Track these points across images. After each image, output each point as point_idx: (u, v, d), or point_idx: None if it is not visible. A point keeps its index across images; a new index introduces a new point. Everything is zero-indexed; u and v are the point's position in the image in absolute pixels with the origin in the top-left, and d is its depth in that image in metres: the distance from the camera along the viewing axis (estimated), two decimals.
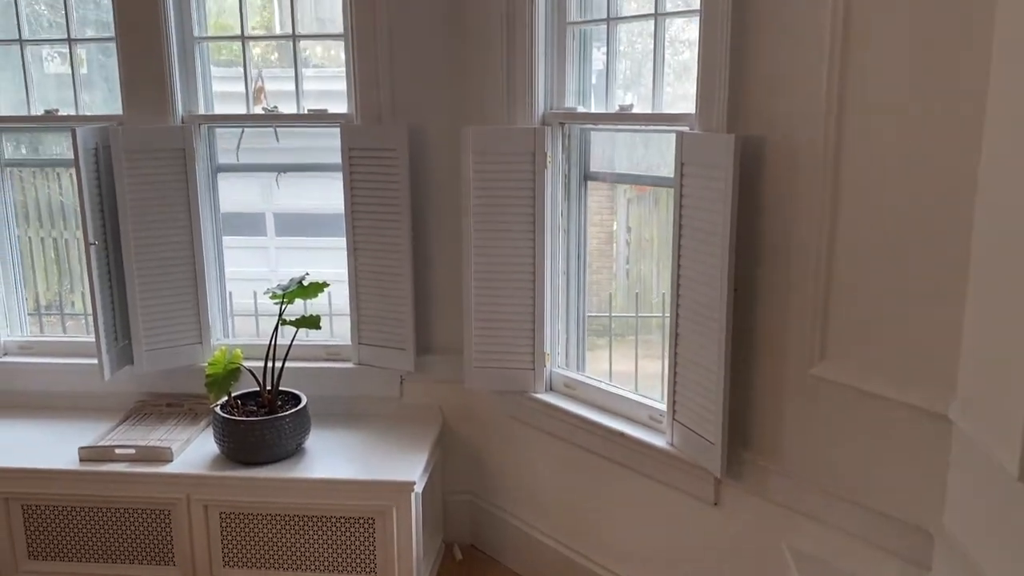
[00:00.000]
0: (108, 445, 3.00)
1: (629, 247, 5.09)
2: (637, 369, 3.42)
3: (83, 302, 3.78)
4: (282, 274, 7.76)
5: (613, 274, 5.12)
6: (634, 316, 4.26)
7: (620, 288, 5.16)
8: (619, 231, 5.00)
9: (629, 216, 4.67)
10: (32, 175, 3.64)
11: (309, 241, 7.46)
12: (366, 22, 3.07)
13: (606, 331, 4.10)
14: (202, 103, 3.30)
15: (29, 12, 3.39)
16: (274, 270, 7.66)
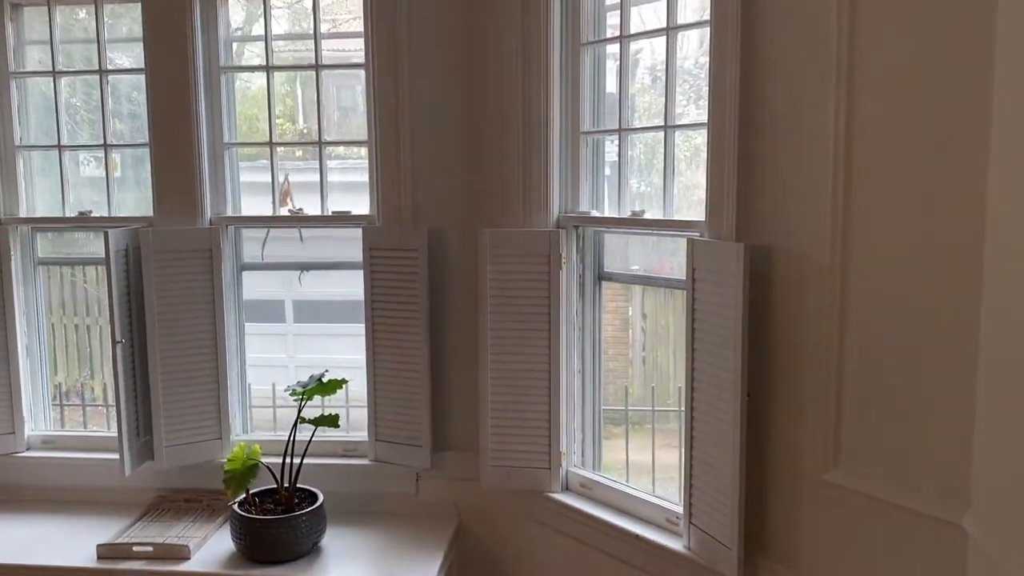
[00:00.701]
0: (126, 542, 3.02)
1: (645, 334, 5.13)
2: (654, 466, 3.43)
3: (104, 392, 3.85)
4: (300, 360, 7.82)
5: (629, 361, 5.14)
6: (651, 409, 4.27)
7: (637, 376, 5.17)
8: (635, 317, 5.05)
9: (645, 303, 4.72)
10: (60, 271, 3.77)
11: (328, 328, 7.55)
12: (389, 131, 3.20)
13: (623, 419, 4.10)
14: (230, 205, 3.42)
15: (68, 119, 3.56)
16: (292, 356, 7.73)
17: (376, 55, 3.18)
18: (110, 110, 3.46)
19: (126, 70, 3.53)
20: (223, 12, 3.35)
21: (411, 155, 3.21)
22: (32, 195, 3.55)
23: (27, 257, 3.54)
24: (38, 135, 3.56)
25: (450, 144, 3.21)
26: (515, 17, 2.96)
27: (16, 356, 3.46)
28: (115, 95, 3.53)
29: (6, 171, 3.46)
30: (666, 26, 2.64)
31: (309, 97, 3.74)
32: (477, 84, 3.16)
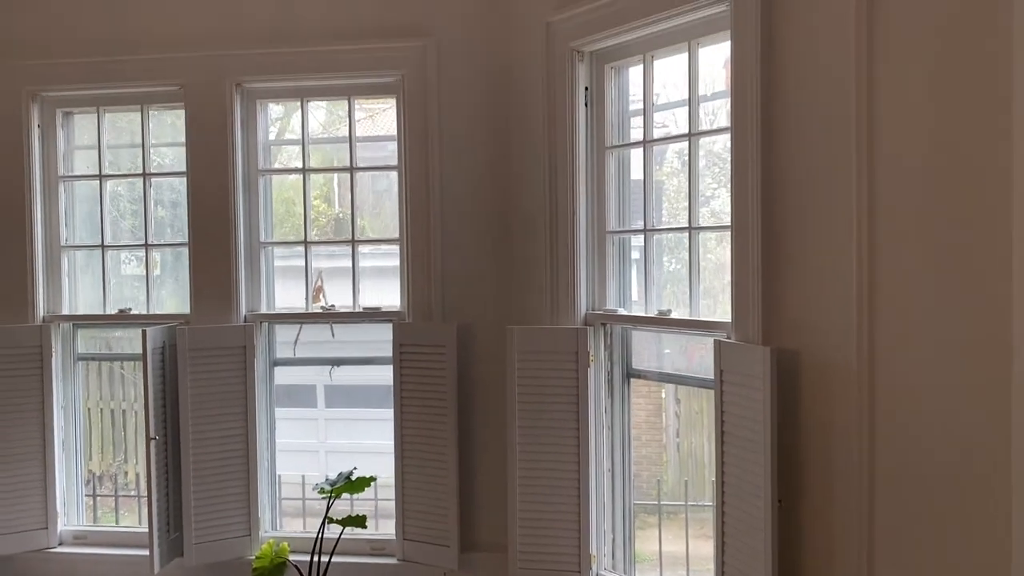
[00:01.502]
0: None
1: (679, 419, 5.06)
2: (688, 560, 3.36)
3: (136, 479, 3.88)
4: (331, 445, 7.79)
5: (663, 446, 5.06)
6: (683, 504, 4.19)
7: (671, 462, 5.09)
8: (667, 401, 5.00)
9: (677, 392, 4.68)
10: (99, 365, 3.86)
11: (359, 412, 7.55)
12: (420, 229, 3.28)
13: (656, 509, 4.03)
14: (264, 301, 3.50)
15: (112, 219, 3.70)
16: (323, 441, 7.72)
17: (408, 158, 3.29)
18: (152, 211, 3.59)
19: (168, 173, 3.67)
20: (262, 118, 3.50)
21: (441, 253, 3.28)
22: (75, 293, 3.67)
23: (67, 353, 3.63)
24: (83, 235, 3.69)
25: (480, 243, 3.28)
26: (542, 124, 3.06)
27: (52, 451, 3.51)
28: (157, 195, 3.67)
29: (52, 270, 3.59)
30: (688, 132, 2.70)
31: (344, 178, 3.85)
32: (506, 186, 3.25)
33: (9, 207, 3.51)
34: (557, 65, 3.00)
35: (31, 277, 3.53)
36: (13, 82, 3.49)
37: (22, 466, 3.47)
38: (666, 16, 2.62)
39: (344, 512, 3.27)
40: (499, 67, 3.26)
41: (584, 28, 2.89)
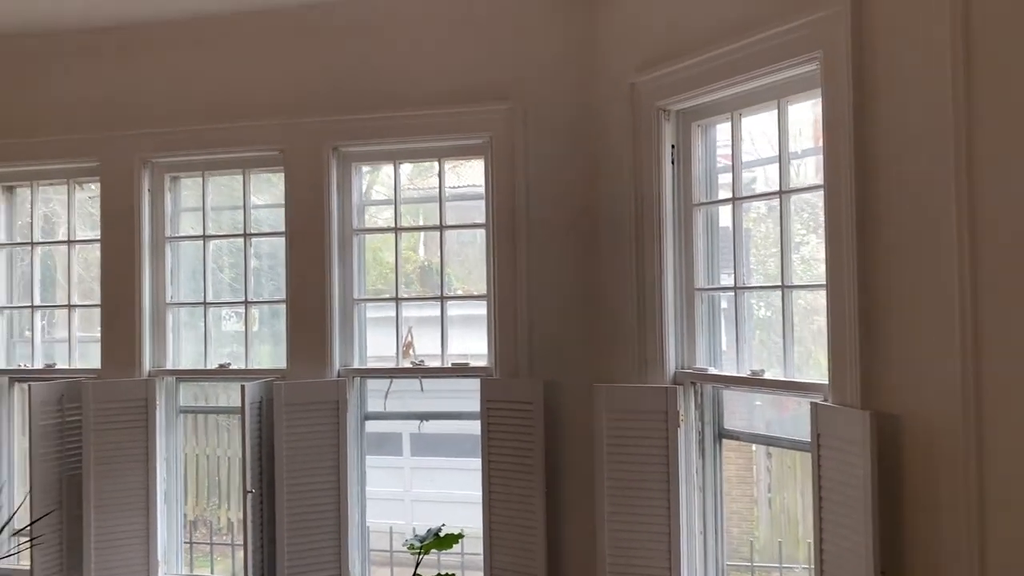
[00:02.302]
0: None
1: (770, 474, 4.91)
2: None
3: (230, 526, 3.99)
4: (416, 494, 7.82)
5: (754, 501, 4.91)
6: (777, 566, 4.06)
7: (762, 519, 4.93)
8: (758, 454, 4.86)
9: (770, 451, 4.55)
10: (195, 419, 4.02)
11: (444, 461, 7.58)
12: (507, 287, 3.33)
13: (748, 570, 3.91)
14: (356, 356, 3.59)
15: (213, 279, 3.87)
16: (408, 490, 7.77)
17: (496, 216, 3.36)
18: (252, 269, 3.75)
19: (268, 233, 3.83)
20: (356, 180, 3.63)
21: (528, 310, 3.32)
22: (178, 348, 3.84)
23: (170, 406, 3.79)
24: (186, 292, 3.88)
25: (566, 300, 3.30)
26: (628, 181, 3.09)
27: (155, 502, 3.65)
28: (256, 251, 3.84)
29: (158, 326, 3.77)
30: (779, 190, 2.68)
31: (432, 223, 3.93)
32: (592, 243, 3.27)
33: (121, 267, 3.72)
34: (643, 124, 3.03)
35: (138, 333, 3.71)
36: (127, 150, 3.72)
37: (127, 515, 3.61)
38: (754, 76, 2.62)
39: (432, 564, 3.28)
40: (584, 127, 3.31)
41: (671, 88, 2.92)
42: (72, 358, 3.94)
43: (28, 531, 3.51)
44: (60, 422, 3.62)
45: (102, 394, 3.62)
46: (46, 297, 4.08)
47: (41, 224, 4.08)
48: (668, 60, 2.90)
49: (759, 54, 2.57)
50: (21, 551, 3.66)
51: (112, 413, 3.62)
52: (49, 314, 4.09)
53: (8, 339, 4.04)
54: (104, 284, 3.76)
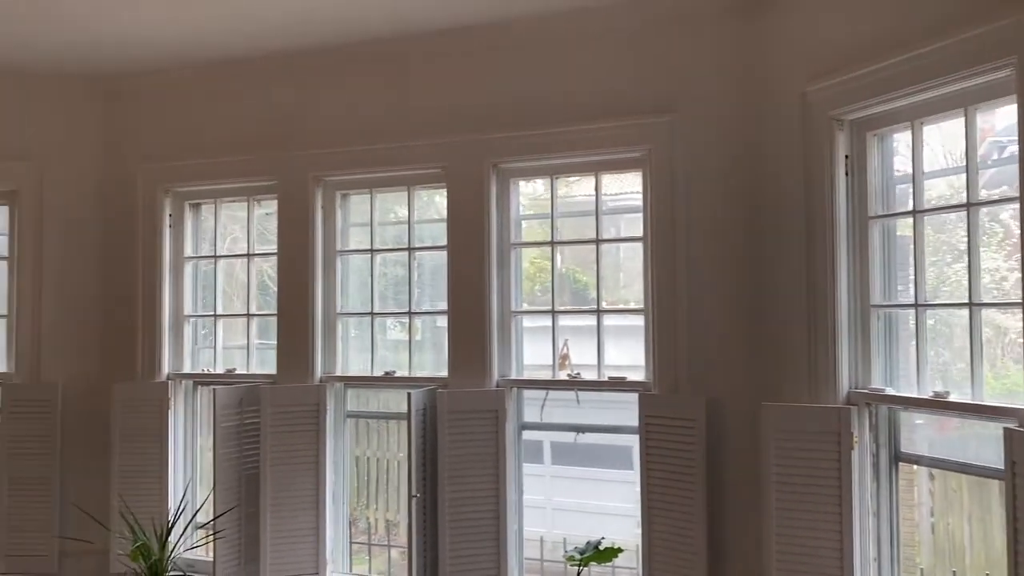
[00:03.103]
0: None
1: (932, 497, 4.63)
2: None
3: (386, 524, 4.14)
4: (557, 503, 7.84)
5: (915, 525, 4.64)
6: None
7: (924, 543, 4.65)
8: (919, 475, 4.59)
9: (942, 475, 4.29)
10: (361, 423, 4.20)
11: (585, 472, 7.56)
12: (667, 301, 3.30)
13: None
14: (514, 367, 3.66)
15: (380, 290, 4.04)
16: (549, 499, 7.81)
17: (654, 230, 3.34)
18: (416, 281, 3.90)
19: (431, 247, 3.96)
20: (514, 195, 3.71)
21: (688, 324, 3.28)
22: (347, 356, 4.03)
23: (339, 410, 3.98)
24: (355, 303, 4.07)
25: (728, 314, 3.24)
26: (797, 194, 3.00)
27: (324, 502, 3.84)
28: (420, 268, 3.98)
29: (329, 335, 3.97)
30: (967, 202, 2.53)
31: (574, 235, 3.95)
32: (757, 256, 3.20)
33: (296, 279, 3.95)
34: (815, 134, 2.94)
35: (311, 341, 3.93)
36: (302, 169, 3.95)
37: (299, 514, 3.82)
38: (940, 83, 2.49)
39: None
40: (747, 139, 3.24)
41: (845, 97, 2.82)
42: (250, 364, 4.21)
43: (212, 526, 3.77)
44: (239, 424, 3.88)
45: (278, 398, 3.85)
46: (211, 307, 4.36)
47: (210, 238, 4.38)
48: (843, 68, 2.80)
49: (946, 60, 2.44)
50: (205, 544, 3.93)
51: (287, 416, 3.84)
52: (228, 322, 4.38)
53: (193, 345, 4.37)
54: (280, 295, 4.00)
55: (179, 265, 4.31)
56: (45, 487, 4.11)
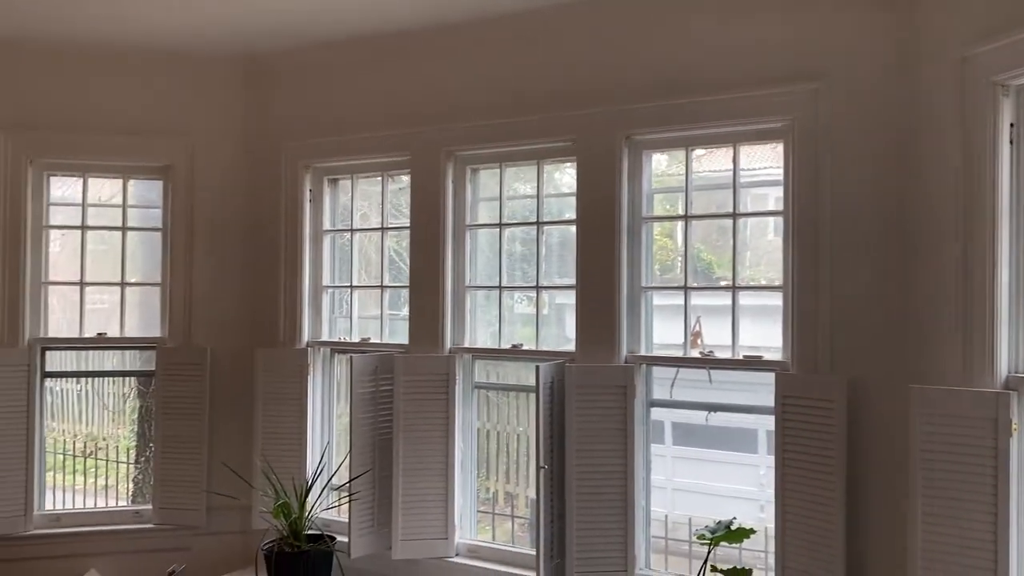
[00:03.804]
0: None
1: None
2: None
3: (512, 499, 4.20)
4: (677, 484, 7.75)
5: None
6: None
7: None
8: None
9: None
10: (481, 396, 4.27)
11: (706, 453, 7.44)
12: (807, 279, 3.18)
13: None
14: (643, 343, 3.62)
15: (507, 264, 4.07)
16: (670, 479, 7.73)
17: (796, 203, 3.22)
18: (543, 255, 3.91)
19: (559, 221, 3.96)
20: (647, 167, 3.64)
21: (830, 302, 3.15)
22: (475, 328, 4.10)
23: (467, 381, 4.05)
24: (483, 277, 4.12)
25: (873, 292, 3.09)
26: (953, 163, 2.81)
27: (453, 469, 3.93)
28: (547, 241, 3.99)
29: (458, 307, 4.04)
30: None
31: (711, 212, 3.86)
32: (905, 230, 3.04)
33: (427, 252, 4.04)
34: (975, 101, 2.74)
35: (441, 313, 4.01)
36: (434, 144, 4.02)
37: (429, 480, 3.93)
38: None
39: (720, 558, 3.24)
40: (898, 107, 3.06)
41: (1013, 60, 2.61)
42: (383, 334, 4.35)
43: (347, 488, 3.93)
44: (374, 391, 4.01)
45: (410, 367, 3.95)
46: (347, 278, 4.50)
47: (347, 213, 4.52)
48: (1007, 29, 2.59)
49: None
50: (341, 505, 4.10)
51: (418, 385, 3.94)
52: (362, 294, 4.53)
53: (330, 315, 4.54)
54: (412, 267, 4.10)
55: (318, 238, 4.49)
56: (195, 445, 4.39)
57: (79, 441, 5.04)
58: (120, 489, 4.86)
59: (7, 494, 4.20)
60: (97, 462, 5.01)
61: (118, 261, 4.52)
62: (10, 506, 4.21)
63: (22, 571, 4.03)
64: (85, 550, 4.32)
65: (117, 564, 4.33)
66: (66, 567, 4.25)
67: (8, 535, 4.22)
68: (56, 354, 4.52)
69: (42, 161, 4.41)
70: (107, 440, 5.02)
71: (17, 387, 4.25)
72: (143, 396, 4.89)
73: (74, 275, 4.48)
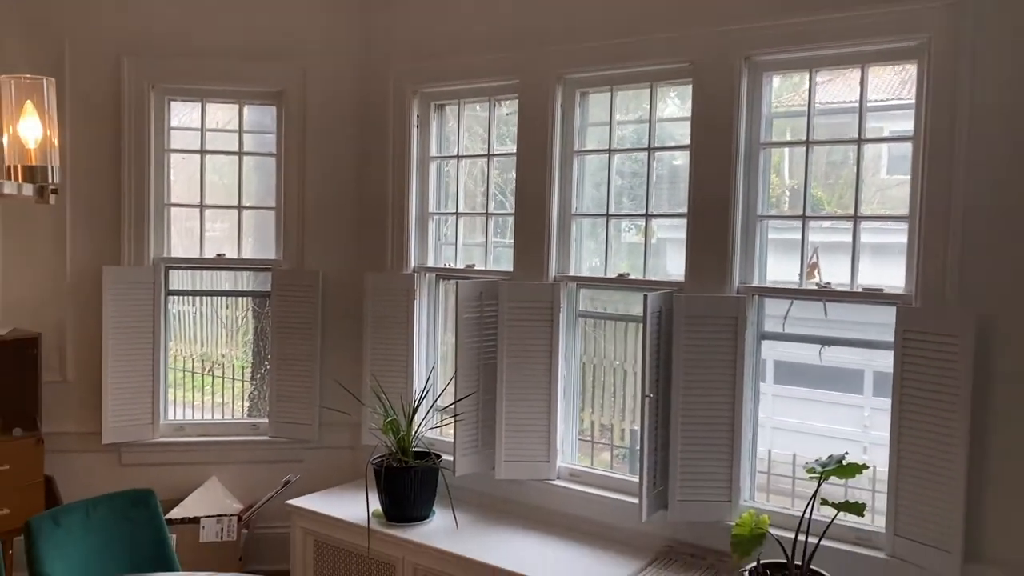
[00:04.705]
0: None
1: None
2: None
3: (618, 434, 4.22)
4: (776, 422, 7.65)
5: None
6: None
7: None
8: None
9: None
10: (592, 324, 4.25)
11: (806, 392, 7.28)
12: (938, 208, 3.02)
13: None
14: (756, 274, 3.52)
15: (616, 191, 4.01)
16: (770, 416, 7.61)
17: (930, 127, 3.03)
18: (653, 183, 3.82)
19: (672, 147, 3.86)
20: (766, 90, 3.49)
21: (962, 233, 2.98)
22: (580, 256, 4.07)
23: (571, 310, 4.05)
24: (589, 205, 4.07)
25: (1008, 224, 2.90)
26: None
27: (556, 395, 3.97)
28: (658, 168, 3.90)
29: (563, 235, 4.02)
30: None
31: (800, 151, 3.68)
32: None
33: (534, 179, 4.00)
34: None
35: (547, 240, 3.99)
36: (543, 68, 3.94)
37: (532, 403, 3.97)
38: None
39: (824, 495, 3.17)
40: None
41: None
42: (488, 261, 4.37)
43: (453, 409, 4.02)
44: (479, 316, 4.05)
45: (514, 294, 3.97)
46: (452, 206, 4.52)
47: (453, 139, 4.51)
48: None
49: None
50: (445, 425, 4.21)
51: (522, 312, 3.96)
52: (467, 221, 4.55)
53: (436, 241, 4.59)
54: (519, 194, 4.08)
55: (425, 164, 4.51)
56: (309, 364, 4.56)
57: (197, 361, 5.30)
58: (236, 405, 5.11)
59: (137, 404, 4.48)
60: (215, 379, 5.27)
61: (234, 189, 4.67)
62: (139, 415, 4.49)
63: (150, 475, 4.30)
64: (206, 459, 4.59)
65: (235, 473, 4.59)
66: (189, 473, 4.53)
67: (138, 441, 4.51)
68: (176, 275, 4.73)
69: (163, 86, 4.55)
70: (224, 358, 5.27)
71: (144, 303, 4.48)
72: (258, 317, 5.10)
73: (193, 200, 4.66)
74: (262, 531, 4.52)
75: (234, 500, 4.46)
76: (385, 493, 3.94)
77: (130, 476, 4.31)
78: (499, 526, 3.93)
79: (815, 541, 3.05)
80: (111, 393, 4.39)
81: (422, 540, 3.75)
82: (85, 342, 4.44)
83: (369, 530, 3.83)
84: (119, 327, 4.41)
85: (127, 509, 3.11)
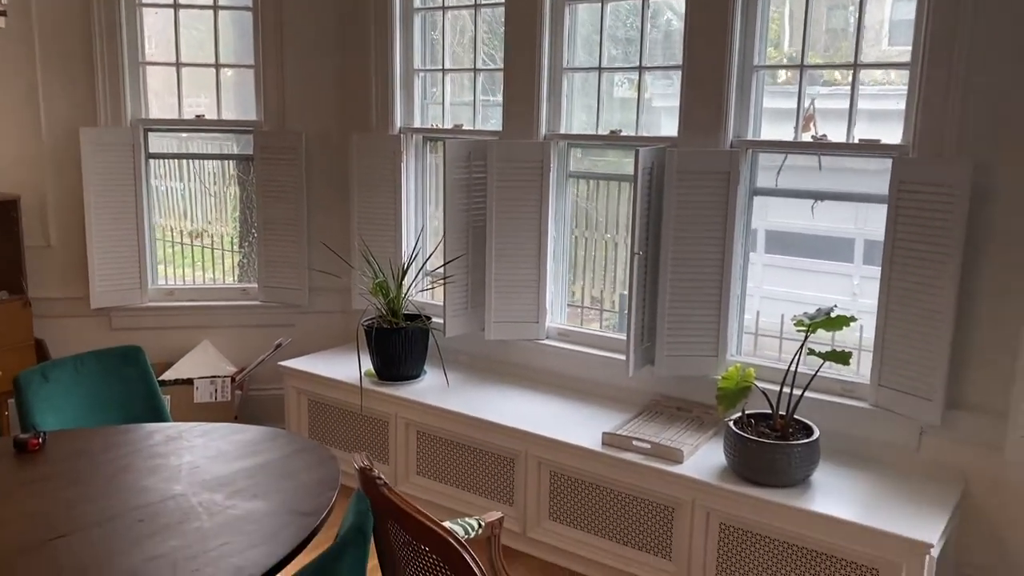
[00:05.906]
0: (627, 435, 3.31)
1: None
2: None
3: (604, 297, 4.22)
4: (766, 291, 7.70)
5: None
6: None
7: None
8: None
9: None
10: (587, 184, 4.17)
11: (797, 262, 7.28)
12: (941, 53, 2.90)
13: None
14: (751, 128, 3.43)
15: (608, 44, 3.85)
16: (759, 286, 7.64)
17: None
18: (648, 34, 3.66)
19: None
20: None
21: (963, 81, 2.88)
22: (571, 114, 3.95)
23: (561, 170, 3.97)
24: (581, 58, 3.92)
25: (1018, 69, 2.80)
26: None
27: (545, 256, 3.94)
28: (654, 20, 3.73)
29: (554, 92, 3.89)
30: None
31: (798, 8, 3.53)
32: None
33: (523, 31, 3.83)
34: None
35: (536, 97, 3.87)
36: None
37: (521, 264, 3.95)
38: None
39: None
40: None
41: None
42: (476, 120, 4.25)
43: (442, 271, 3.99)
44: (468, 177, 3.97)
45: (503, 153, 3.87)
46: (438, 62, 4.35)
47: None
48: None
49: None
50: (435, 288, 4.19)
51: (511, 172, 3.88)
52: (454, 79, 4.40)
53: (422, 101, 4.45)
54: (507, 49, 3.92)
55: (409, 17, 4.31)
56: (295, 228, 4.50)
57: (185, 236, 5.23)
58: (227, 275, 5.08)
59: (123, 267, 4.44)
60: (204, 250, 5.22)
61: (211, 48, 4.47)
62: (127, 279, 4.46)
63: (142, 339, 4.29)
64: (197, 323, 4.60)
65: (227, 336, 4.61)
66: (181, 338, 4.55)
67: (127, 306, 4.50)
68: (157, 140, 4.59)
69: None
70: (211, 228, 5.19)
71: (124, 166, 4.37)
72: (242, 184, 4.99)
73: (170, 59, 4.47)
74: (256, 393, 4.58)
75: (227, 363, 4.50)
76: (376, 353, 3.97)
77: (122, 340, 4.25)
78: (489, 384, 3.99)
79: (800, 393, 3.09)
80: (97, 257, 4.35)
81: (414, 397, 3.81)
82: (66, 206, 4.36)
83: (362, 388, 3.87)
84: (101, 191, 4.32)
85: (118, 367, 3.12)
